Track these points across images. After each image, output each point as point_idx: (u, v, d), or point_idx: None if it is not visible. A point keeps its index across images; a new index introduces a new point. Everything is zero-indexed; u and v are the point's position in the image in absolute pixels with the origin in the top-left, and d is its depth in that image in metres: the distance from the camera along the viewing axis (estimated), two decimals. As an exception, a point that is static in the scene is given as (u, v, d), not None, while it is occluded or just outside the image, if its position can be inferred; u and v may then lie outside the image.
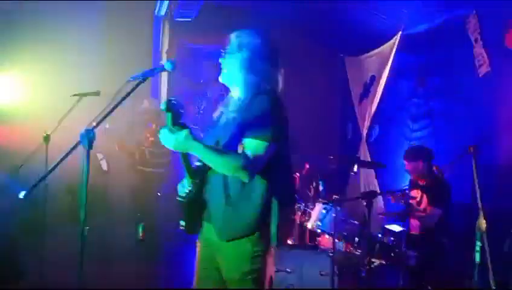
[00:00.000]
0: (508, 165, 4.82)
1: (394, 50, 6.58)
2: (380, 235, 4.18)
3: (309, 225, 4.35)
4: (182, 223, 2.55)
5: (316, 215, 4.30)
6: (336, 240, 4.17)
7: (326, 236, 4.31)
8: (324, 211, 4.20)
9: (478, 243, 2.90)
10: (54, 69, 6.08)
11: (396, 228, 4.17)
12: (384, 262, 4.13)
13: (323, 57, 7.86)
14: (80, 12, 6.66)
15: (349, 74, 7.90)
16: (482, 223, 2.89)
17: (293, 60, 7.60)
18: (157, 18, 8.19)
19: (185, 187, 2.46)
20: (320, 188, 4.54)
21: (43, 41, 6.24)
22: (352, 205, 5.05)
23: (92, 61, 6.76)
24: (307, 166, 4.84)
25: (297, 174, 4.89)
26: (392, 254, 4.07)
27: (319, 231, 4.30)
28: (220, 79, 2.61)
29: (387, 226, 4.25)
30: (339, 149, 7.90)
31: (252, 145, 2.30)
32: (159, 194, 7.43)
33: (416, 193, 4.43)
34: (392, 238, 4.15)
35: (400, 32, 6.49)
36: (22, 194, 2.27)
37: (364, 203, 3.74)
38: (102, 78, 6.71)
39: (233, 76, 2.53)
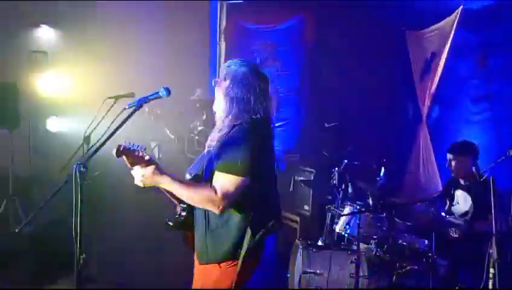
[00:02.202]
0: None
1: (455, 26, 6.14)
2: (410, 240, 4.03)
3: (337, 228, 4.28)
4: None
5: (344, 218, 4.22)
6: (366, 245, 4.10)
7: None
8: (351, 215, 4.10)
9: (492, 270, 2.72)
10: (114, 69, 6.34)
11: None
12: (416, 267, 3.98)
13: (384, 32, 7.45)
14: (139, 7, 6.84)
15: (410, 49, 7.44)
16: (494, 250, 2.69)
17: (353, 35, 7.43)
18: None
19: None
20: (350, 190, 4.42)
21: (107, 41, 6.52)
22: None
23: (151, 57, 6.98)
24: (345, 161, 4.69)
25: (336, 169, 4.79)
26: (424, 260, 3.91)
27: (346, 234, 4.23)
28: (213, 108, 2.63)
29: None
30: (398, 130, 7.57)
31: (219, 179, 2.32)
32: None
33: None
34: (425, 243, 3.99)
35: (461, 7, 6.02)
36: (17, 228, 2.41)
37: (384, 215, 3.61)
38: (161, 71, 6.98)
39: (219, 105, 2.55)
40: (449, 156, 4.36)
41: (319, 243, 4.33)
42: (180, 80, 7.02)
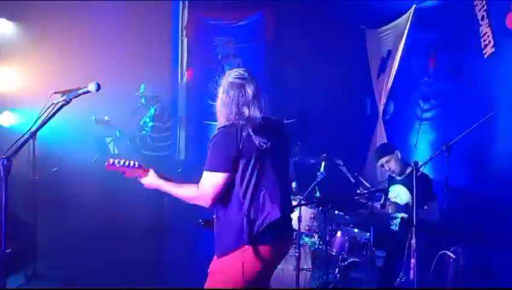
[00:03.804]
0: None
1: (408, 24, 6.28)
2: (351, 234, 4.12)
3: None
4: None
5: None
6: (310, 238, 4.17)
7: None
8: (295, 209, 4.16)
9: (412, 261, 2.82)
10: (73, 63, 6.25)
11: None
12: (357, 259, 4.08)
13: (344, 30, 7.55)
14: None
15: (368, 47, 7.57)
16: (414, 240, 2.79)
17: (313, 33, 7.50)
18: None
19: None
20: (294, 184, 4.48)
21: (66, 34, 6.42)
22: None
23: (111, 52, 6.90)
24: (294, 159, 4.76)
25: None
26: (364, 252, 4.01)
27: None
28: None
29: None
30: (358, 126, 7.69)
31: (203, 177, 2.66)
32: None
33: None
34: (366, 236, 4.08)
35: (414, 6, 6.15)
36: None
37: (320, 209, 3.69)
38: (121, 66, 6.91)
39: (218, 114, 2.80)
40: (378, 164, 4.50)
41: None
42: (141, 75, 6.97)
